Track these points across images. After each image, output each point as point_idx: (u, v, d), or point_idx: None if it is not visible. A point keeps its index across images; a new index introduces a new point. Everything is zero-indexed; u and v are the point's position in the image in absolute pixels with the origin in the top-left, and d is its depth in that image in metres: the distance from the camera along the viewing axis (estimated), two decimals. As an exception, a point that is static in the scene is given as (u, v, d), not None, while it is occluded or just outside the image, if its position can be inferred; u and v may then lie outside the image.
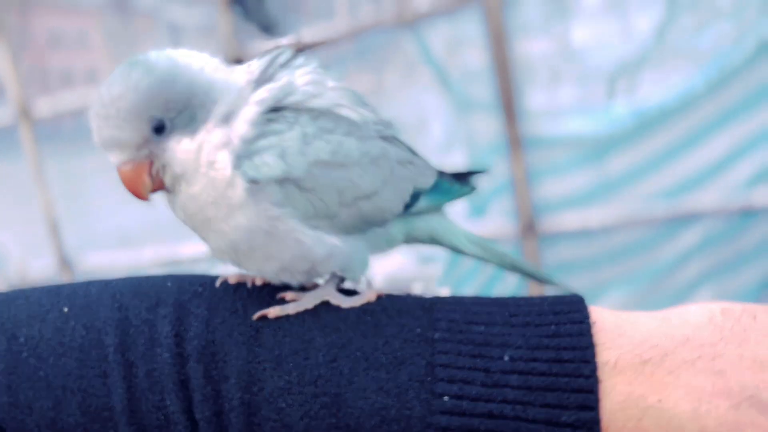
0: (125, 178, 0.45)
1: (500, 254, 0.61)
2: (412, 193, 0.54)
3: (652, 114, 1.55)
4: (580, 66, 1.65)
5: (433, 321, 0.46)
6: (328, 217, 0.48)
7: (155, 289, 0.50)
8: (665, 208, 1.55)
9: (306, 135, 0.46)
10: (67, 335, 0.47)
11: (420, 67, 1.80)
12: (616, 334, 0.44)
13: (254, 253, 0.48)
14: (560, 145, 1.63)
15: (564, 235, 1.64)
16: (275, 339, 0.46)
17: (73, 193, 2.35)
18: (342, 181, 0.48)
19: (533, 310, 0.46)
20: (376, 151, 0.50)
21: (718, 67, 1.50)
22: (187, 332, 0.47)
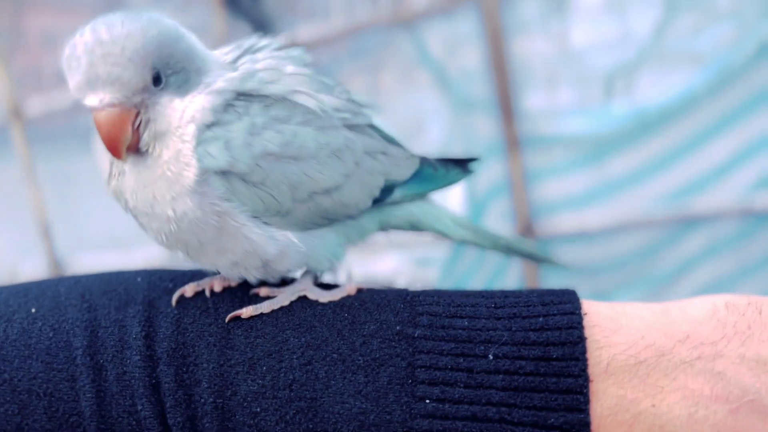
0: (108, 121, 0.41)
1: (492, 236, 0.58)
2: (384, 187, 0.51)
3: (651, 115, 1.53)
4: (578, 66, 1.63)
5: (414, 316, 0.44)
6: (280, 214, 0.45)
7: (125, 287, 0.48)
8: (666, 210, 1.53)
9: (254, 126, 0.44)
10: (33, 337, 0.45)
11: (417, 67, 1.79)
12: (610, 330, 0.41)
13: (204, 247, 0.45)
14: (558, 146, 1.61)
15: (562, 238, 1.63)
16: (247, 340, 0.44)
17: (64, 194, 2.33)
18: (295, 176, 0.45)
19: (520, 302, 0.44)
20: (337, 143, 0.47)
21: (718, 69, 1.49)
22: (157, 333, 0.45)
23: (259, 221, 0.45)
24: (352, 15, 1.78)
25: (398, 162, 0.52)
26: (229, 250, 0.45)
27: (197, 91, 0.44)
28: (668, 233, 1.55)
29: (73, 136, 2.32)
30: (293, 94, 0.46)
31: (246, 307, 0.45)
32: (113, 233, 2.30)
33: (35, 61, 3.78)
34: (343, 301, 0.46)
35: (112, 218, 2.38)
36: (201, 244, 0.45)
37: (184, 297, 0.47)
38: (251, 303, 0.46)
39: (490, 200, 1.70)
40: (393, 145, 0.52)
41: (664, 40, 1.53)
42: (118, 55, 0.41)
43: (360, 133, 0.49)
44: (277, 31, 1.90)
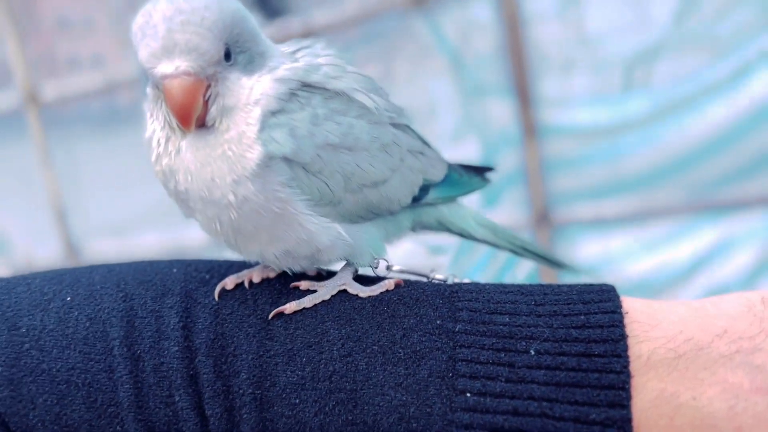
0: (183, 89, 0.41)
1: (511, 237, 0.59)
2: (422, 185, 0.52)
3: (670, 104, 1.51)
4: (596, 53, 1.61)
5: (454, 311, 0.44)
6: (332, 204, 0.46)
7: (161, 277, 0.48)
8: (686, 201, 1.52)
9: (316, 116, 0.44)
10: (70, 326, 0.45)
11: (431, 53, 1.77)
12: (649, 325, 0.41)
13: (257, 234, 0.45)
14: (574, 135, 1.60)
15: (578, 226, 1.61)
16: (287, 332, 0.44)
17: (79, 179, 2.34)
18: (349, 166, 0.46)
19: (561, 299, 0.44)
20: (386, 138, 0.48)
21: (739, 56, 1.46)
22: (195, 324, 0.45)
23: (312, 209, 0.45)
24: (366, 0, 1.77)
25: (434, 163, 0.53)
26: (282, 239, 0.45)
27: (262, 73, 0.44)
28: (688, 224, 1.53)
29: (88, 122, 2.33)
30: (352, 91, 0.47)
31: (289, 302, 0.45)
32: (128, 218, 2.31)
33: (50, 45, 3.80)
34: (382, 295, 0.46)
35: (127, 203, 2.39)
36: (256, 231, 0.45)
37: (223, 289, 0.47)
38: (290, 294, 0.47)
39: (504, 188, 1.69)
40: (428, 147, 0.53)
41: (684, 26, 1.51)
42: (198, 24, 0.41)
43: (403, 132, 0.51)
44: (289, 15, 1.89)
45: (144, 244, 2.23)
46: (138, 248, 2.24)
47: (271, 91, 0.44)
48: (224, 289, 0.47)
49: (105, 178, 2.34)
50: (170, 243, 2.15)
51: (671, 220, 1.55)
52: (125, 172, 2.23)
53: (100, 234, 2.35)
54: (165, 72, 0.41)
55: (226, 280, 0.47)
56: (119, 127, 2.23)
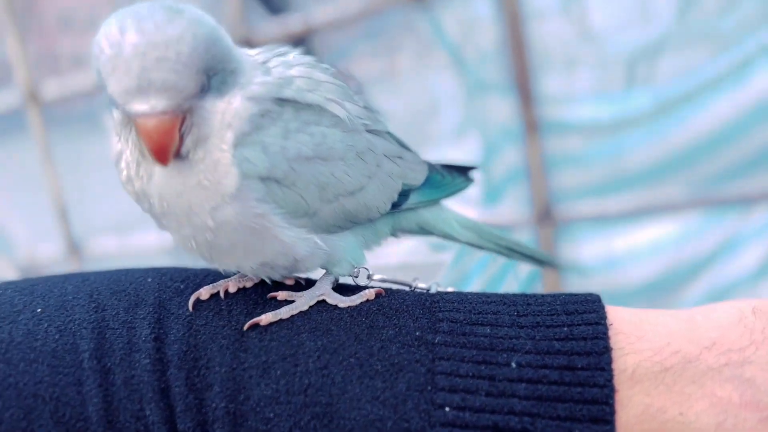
0: (159, 129, 0.39)
1: (496, 239, 0.58)
2: (402, 191, 0.51)
3: (673, 100, 1.50)
4: (598, 49, 1.60)
5: (434, 322, 0.43)
6: (308, 215, 0.45)
7: (135, 287, 0.46)
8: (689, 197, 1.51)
9: (288, 130, 0.43)
10: (39, 338, 0.43)
11: (433, 49, 1.76)
12: (635, 336, 0.40)
13: (234, 250, 0.44)
14: (576, 132, 1.59)
15: (581, 223, 1.60)
16: (261, 343, 0.43)
17: (81, 177, 2.34)
18: (324, 177, 0.44)
19: (544, 310, 0.43)
20: (361, 145, 0.47)
21: (742, 51, 1.45)
22: (168, 335, 0.43)
23: (289, 221, 0.44)
24: (367, -4, 1.76)
25: (413, 166, 0.52)
26: (259, 252, 0.44)
27: (234, 93, 0.42)
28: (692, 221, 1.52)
29: (89, 120, 2.33)
30: (326, 102, 0.45)
31: (265, 313, 0.44)
32: (130, 217, 2.30)
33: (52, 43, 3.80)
34: (361, 306, 0.45)
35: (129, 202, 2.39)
36: (232, 248, 0.44)
37: (197, 299, 0.46)
38: (266, 305, 0.45)
39: (506, 185, 1.68)
40: (405, 150, 0.52)
41: (688, 21, 1.49)
42: (174, 61, 0.38)
43: (379, 137, 0.49)
44: (291, 12, 1.88)
45: (145, 242, 2.22)
46: (139, 247, 2.24)
47: (243, 112, 0.42)
48: (199, 299, 0.46)
49: (107, 177, 2.34)
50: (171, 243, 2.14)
51: (675, 216, 1.53)
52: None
53: (102, 232, 2.35)
54: (140, 110, 0.39)
55: (201, 291, 0.46)
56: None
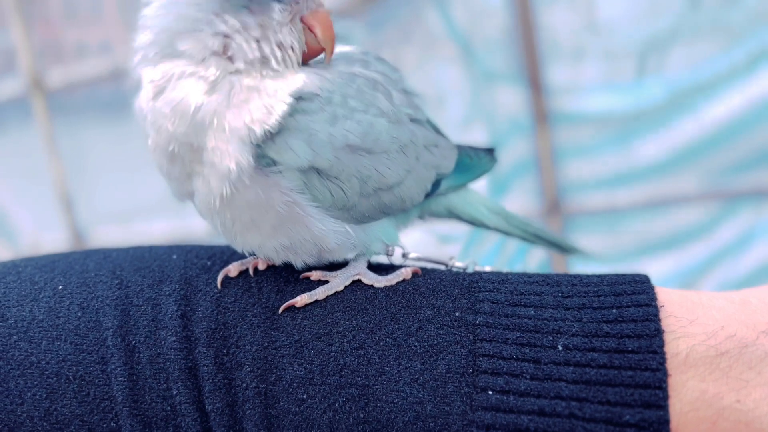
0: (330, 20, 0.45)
1: (523, 224, 0.57)
2: (434, 180, 0.50)
3: (683, 91, 1.48)
4: (608, 40, 1.57)
5: (474, 303, 0.41)
6: (345, 208, 0.43)
7: (159, 263, 0.45)
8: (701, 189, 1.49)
9: (336, 117, 0.42)
10: (61, 316, 0.42)
11: (440, 39, 1.74)
12: (686, 320, 0.38)
13: (256, 226, 0.43)
14: (586, 122, 1.57)
15: (590, 216, 1.59)
16: (294, 322, 0.42)
17: (86, 166, 2.32)
18: (366, 170, 0.43)
19: (590, 291, 0.41)
20: (405, 137, 0.45)
21: (755, 43, 1.43)
22: (195, 313, 0.42)
23: (323, 213, 0.43)
24: (375, -15, 1.74)
25: (445, 153, 0.51)
26: (284, 234, 0.43)
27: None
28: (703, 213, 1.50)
29: (95, 108, 2.31)
30: (376, 89, 0.45)
31: (300, 294, 0.43)
32: (135, 205, 2.30)
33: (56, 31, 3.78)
34: (397, 285, 0.43)
35: (134, 191, 2.38)
36: (253, 223, 0.43)
37: (226, 276, 0.44)
38: (297, 283, 0.44)
39: (514, 177, 1.66)
40: (440, 136, 0.51)
41: (698, 12, 1.47)
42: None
43: (420, 126, 0.48)
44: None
45: (151, 231, 2.22)
46: (144, 236, 2.23)
47: (307, 85, 0.42)
48: (227, 276, 0.45)
49: (112, 165, 2.33)
50: (177, 231, 2.13)
51: (688, 209, 1.52)
52: (132, 159, 2.21)
53: (106, 221, 2.34)
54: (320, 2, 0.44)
55: (230, 267, 0.45)
56: (126, 114, 2.21)
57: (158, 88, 0.41)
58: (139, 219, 2.27)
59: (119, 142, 2.30)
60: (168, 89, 0.41)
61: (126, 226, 2.29)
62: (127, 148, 2.27)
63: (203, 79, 0.40)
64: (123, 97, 2.29)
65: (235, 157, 0.40)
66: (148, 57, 0.43)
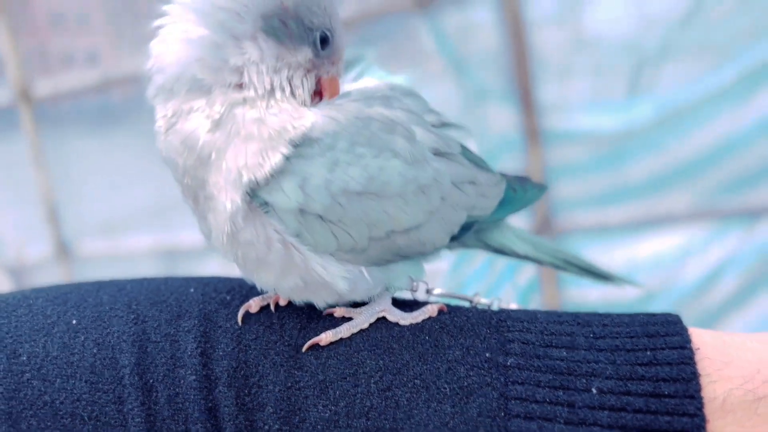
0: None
1: (553, 251, 0.54)
2: (465, 224, 0.47)
3: (674, 110, 1.49)
4: (599, 59, 1.58)
5: (504, 343, 0.40)
6: (355, 252, 0.41)
7: (176, 297, 0.43)
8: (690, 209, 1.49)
9: (337, 162, 0.40)
10: (76, 352, 0.41)
11: (431, 55, 1.74)
12: (721, 363, 0.38)
13: (266, 265, 0.41)
14: (577, 140, 1.57)
15: (582, 233, 1.59)
16: (318, 361, 0.40)
17: (72, 177, 2.30)
18: (375, 213, 0.41)
19: (622, 332, 0.40)
20: (425, 178, 0.43)
21: (744, 63, 1.44)
22: (215, 350, 0.41)
23: (326, 257, 0.41)
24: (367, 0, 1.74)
25: (485, 191, 0.48)
26: (295, 274, 0.41)
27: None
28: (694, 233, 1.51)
29: (82, 119, 2.29)
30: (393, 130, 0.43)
31: (323, 331, 0.41)
32: (121, 218, 2.27)
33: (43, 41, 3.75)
34: (423, 323, 0.42)
35: (121, 203, 2.36)
36: (261, 262, 0.41)
37: (246, 312, 0.43)
38: (321, 320, 0.43)
39: (506, 194, 1.66)
40: (482, 171, 0.48)
41: (690, 30, 1.48)
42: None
43: (450, 161, 0.46)
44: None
45: (137, 244, 2.19)
46: (131, 249, 2.20)
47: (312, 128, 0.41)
48: (248, 312, 0.43)
49: (98, 177, 2.31)
50: (164, 244, 2.11)
51: (678, 228, 1.52)
52: (119, 170, 2.19)
53: (92, 233, 2.32)
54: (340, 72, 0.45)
55: (250, 302, 0.43)
56: (113, 125, 2.19)
57: (169, 124, 0.41)
58: (126, 231, 2.25)
59: (106, 153, 2.28)
60: (178, 124, 0.40)
61: (112, 239, 2.26)
62: (114, 160, 2.25)
63: (209, 117, 0.40)
64: (110, 108, 2.28)
65: (230, 195, 0.39)
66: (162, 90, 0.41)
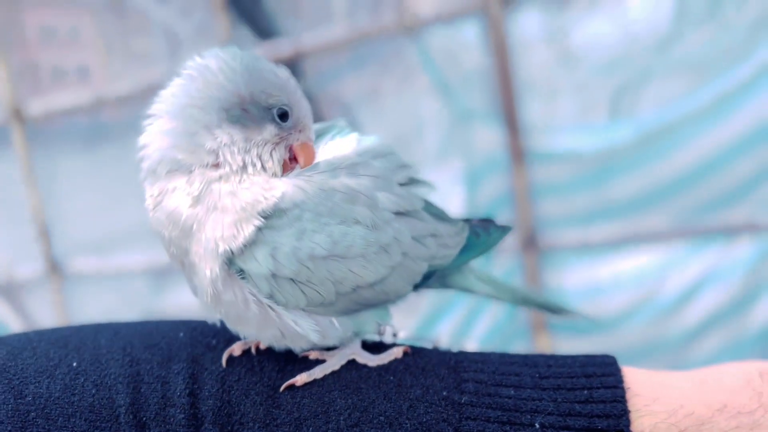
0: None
1: (511, 291, 0.59)
2: (426, 273, 0.51)
3: (654, 131, 1.53)
4: (582, 80, 1.62)
5: (460, 382, 0.45)
6: (324, 305, 0.46)
7: (167, 341, 0.48)
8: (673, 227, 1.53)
9: (304, 231, 0.45)
10: (77, 393, 0.45)
11: (418, 73, 1.78)
12: (650, 399, 0.43)
13: (246, 321, 0.46)
14: (561, 161, 1.61)
15: (565, 251, 1.62)
16: (294, 400, 0.45)
17: (63, 196, 2.31)
18: (341, 273, 0.46)
19: (564, 372, 0.45)
20: (387, 237, 0.47)
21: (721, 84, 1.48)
22: (202, 391, 0.45)
23: (298, 313, 0.46)
24: (355, 21, 1.78)
25: (446, 242, 0.52)
26: (272, 328, 0.46)
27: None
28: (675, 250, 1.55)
29: (73, 138, 2.31)
30: (355, 200, 0.46)
31: (299, 373, 0.46)
32: (112, 237, 2.29)
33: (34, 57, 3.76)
34: (389, 364, 0.47)
35: (111, 222, 2.37)
36: (241, 318, 0.46)
37: (230, 355, 0.47)
38: (297, 362, 0.47)
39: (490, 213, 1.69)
40: (443, 223, 0.52)
41: (671, 52, 1.52)
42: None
43: (411, 218, 0.50)
44: (278, 36, 1.89)
45: (128, 262, 2.21)
46: (122, 267, 2.22)
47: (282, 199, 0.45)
48: (231, 355, 0.47)
49: (90, 195, 2.32)
50: (154, 262, 2.13)
51: (659, 246, 1.56)
52: (110, 189, 2.21)
53: (83, 252, 2.33)
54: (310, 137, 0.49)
55: (234, 347, 0.48)
56: (105, 144, 2.22)
57: (156, 202, 0.45)
58: (117, 249, 2.27)
59: (97, 172, 2.30)
60: (164, 202, 0.45)
61: (103, 257, 2.28)
62: (105, 179, 2.27)
63: (189, 194, 0.44)
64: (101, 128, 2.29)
65: (210, 264, 0.44)
66: (149, 173, 0.46)
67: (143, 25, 3.65)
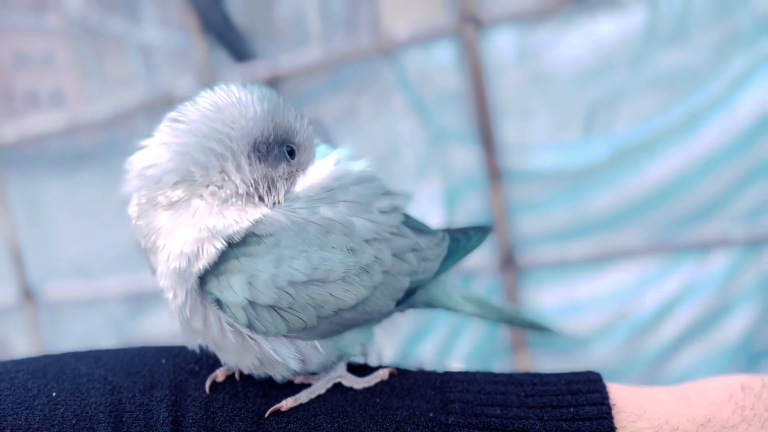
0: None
1: (496, 310, 0.59)
2: (409, 289, 0.51)
3: (627, 148, 1.55)
4: (557, 99, 1.65)
5: (446, 403, 0.44)
6: (305, 330, 0.45)
7: (149, 368, 0.47)
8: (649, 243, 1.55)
9: (282, 258, 0.44)
10: (56, 424, 0.43)
11: (394, 94, 1.79)
12: (635, 414, 0.43)
13: (224, 348, 0.46)
14: (537, 179, 1.63)
15: (543, 269, 1.63)
16: (280, 425, 0.44)
17: (38, 221, 2.28)
18: (321, 297, 0.45)
19: (549, 390, 0.45)
20: (367, 258, 0.47)
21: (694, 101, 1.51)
22: (185, 418, 0.44)
23: (277, 340, 0.45)
24: (330, 43, 1.79)
25: (427, 255, 0.52)
26: (251, 355, 0.45)
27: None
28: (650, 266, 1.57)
29: (48, 162, 2.28)
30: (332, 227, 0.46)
31: (285, 398, 0.45)
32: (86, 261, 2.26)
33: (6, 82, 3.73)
34: (375, 386, 0.46)
35: (85, 246, 2.34)
36: (217, 346, 0.45)
37: (213, 381, 0.46)
38: (282, 387, 0.46)
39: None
40: (423, 235, 0.52)
41: (642, 70, 1.55)
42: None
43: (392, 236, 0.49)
44: (255, 59, 1.89)
45: (104, 287, 2.18)
46: (98, 292, 2.19)
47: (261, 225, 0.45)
48: (215, 381, 0.46)
49: (65, 220, 2.29)
50: (131, 287, 2.10)
51: (635, 262, 1.58)
52: (86, 214, 2.19)
53: (58, 277, 2.30)
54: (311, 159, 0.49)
55: (217, 372, 0.47)
56: (80, 169, 2.20)
57: (141, 210, 0.45)
58: (93, 275, 2.23)
59: (73, 196, 2.27)
60: (148, 211, 0.45)
61: (79, 282, 2.25)
62: (81, 203, 2.25)
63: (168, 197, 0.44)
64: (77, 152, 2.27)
65: (173, 286, 0.44)
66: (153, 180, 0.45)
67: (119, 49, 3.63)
